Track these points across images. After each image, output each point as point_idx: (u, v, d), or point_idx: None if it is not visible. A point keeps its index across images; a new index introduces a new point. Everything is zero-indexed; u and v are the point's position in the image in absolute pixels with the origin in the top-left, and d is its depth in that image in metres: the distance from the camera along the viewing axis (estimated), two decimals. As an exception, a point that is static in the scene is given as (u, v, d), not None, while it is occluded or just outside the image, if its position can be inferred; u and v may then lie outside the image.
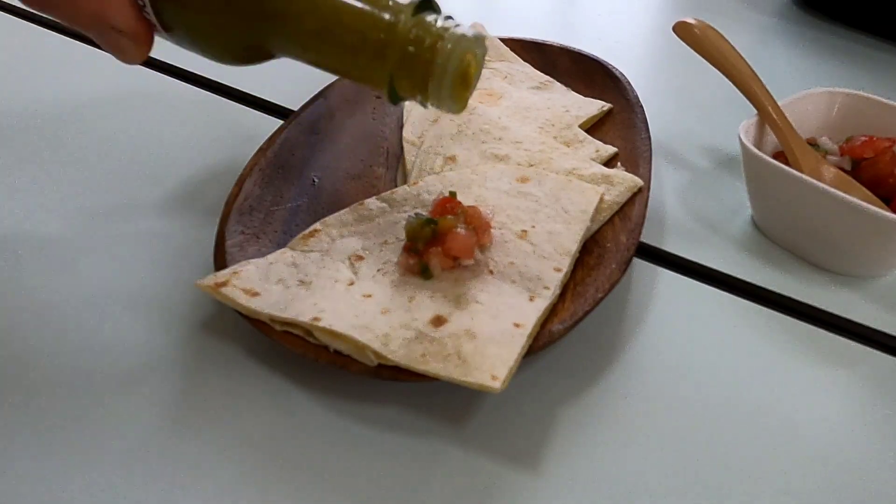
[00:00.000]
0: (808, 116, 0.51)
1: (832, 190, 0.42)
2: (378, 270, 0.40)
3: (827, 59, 0.73)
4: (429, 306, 0.37)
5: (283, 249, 0.42)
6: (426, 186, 0.45)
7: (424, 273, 0.39)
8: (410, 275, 0.39)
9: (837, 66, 0.72)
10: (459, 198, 0.42)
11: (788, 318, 0.43)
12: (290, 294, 0.38)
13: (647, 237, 0.48)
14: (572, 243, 0.41)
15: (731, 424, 0.37)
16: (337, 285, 0.39)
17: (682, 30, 0.53)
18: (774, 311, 0.44)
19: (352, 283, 0.39)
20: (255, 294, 0.38)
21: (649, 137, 0.51)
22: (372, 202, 0.44)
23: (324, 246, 0.42)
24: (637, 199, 0.45)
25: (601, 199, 0.44)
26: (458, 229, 0.39)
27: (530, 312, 0.37)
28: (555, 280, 0.39)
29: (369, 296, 0.38)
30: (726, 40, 0.51)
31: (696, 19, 0.52)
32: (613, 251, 0.42)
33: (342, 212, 0.44)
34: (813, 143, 0.49)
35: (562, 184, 0.45)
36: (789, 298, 0.45)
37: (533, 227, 0.42)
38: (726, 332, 0.42)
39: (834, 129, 0.51)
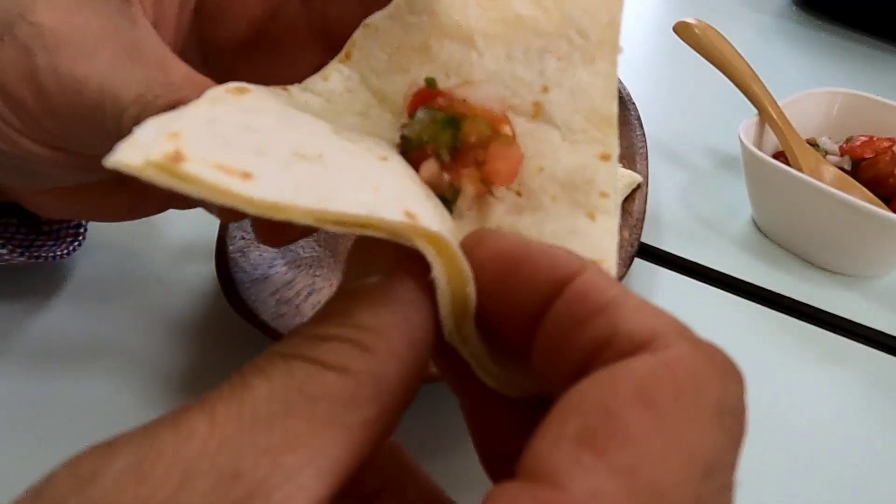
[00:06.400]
0: (808, 116, 0.51)
1: (832, 190, 0.42)
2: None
3: (827, 59, 0.73)
4: None
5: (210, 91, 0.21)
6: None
7: (447, 199, 0.23)
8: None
9: (837, 66, 0.72)
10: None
11: (788, 317, 0.43)
12: (300, 171, 0.19)
13: (647, 237, 0.48)
14: (609, 100, 0.25)
15: (731, 424, 0.37)
16: (369, 156, 0.22)
17: (682, 30, 0.53)
18: (774, 310, 0.44)
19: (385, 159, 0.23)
20: (247, 176, 0.18)
21: (644, 134, 0.50)
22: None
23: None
24: (637, 194, 0.45)
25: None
26: (499, 141, 0.24)
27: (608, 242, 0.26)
28: (606, 174, 0.25)
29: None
30: (726, 40, 0.51)
31: (696, 19, 0.52)
32: (616, 247, 0.42)
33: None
34: (813, 143, 0.49)
35: None
36: (789, 298, 0.45)
37: (545, 88, 0.26)
38: (726, 331, 0.42)
39: (834, 129, 0.51)
